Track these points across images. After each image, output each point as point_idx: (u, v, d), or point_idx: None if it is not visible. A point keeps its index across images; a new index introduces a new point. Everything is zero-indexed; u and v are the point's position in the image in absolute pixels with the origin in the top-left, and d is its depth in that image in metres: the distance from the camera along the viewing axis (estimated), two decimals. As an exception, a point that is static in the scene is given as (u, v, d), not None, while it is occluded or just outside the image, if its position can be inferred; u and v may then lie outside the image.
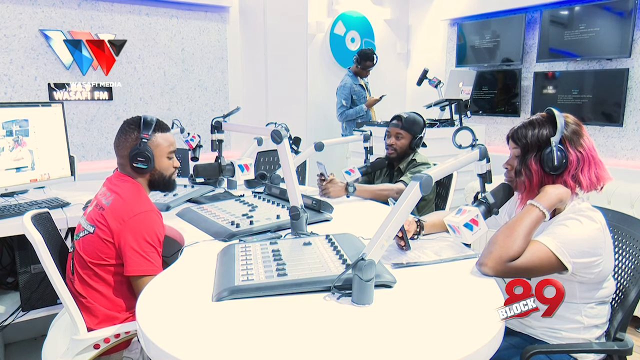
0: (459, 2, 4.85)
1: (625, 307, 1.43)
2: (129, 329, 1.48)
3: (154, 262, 1.51)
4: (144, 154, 1.60)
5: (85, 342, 1.44)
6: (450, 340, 1.00)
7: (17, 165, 2.18)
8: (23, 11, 3.24)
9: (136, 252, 1.49)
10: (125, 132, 1.63)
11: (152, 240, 1.52)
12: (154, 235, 1.53)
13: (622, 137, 3.76)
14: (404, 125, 2.42)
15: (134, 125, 1.63)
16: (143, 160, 1.60)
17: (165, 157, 1.67)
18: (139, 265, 1.49)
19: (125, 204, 1.55)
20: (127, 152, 1.61)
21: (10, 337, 2.42)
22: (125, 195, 1.58)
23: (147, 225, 1.52)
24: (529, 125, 1.42)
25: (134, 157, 1.60)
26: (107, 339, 1.46)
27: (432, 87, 3.97)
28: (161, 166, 1.66)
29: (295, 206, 1.64)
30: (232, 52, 4.19)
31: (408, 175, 2.38)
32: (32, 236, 1.39)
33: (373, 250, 1.14)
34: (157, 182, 1.68)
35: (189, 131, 2.64)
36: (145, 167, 1.61)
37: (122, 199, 1.56)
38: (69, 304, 1.43)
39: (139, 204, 1.56)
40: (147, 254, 1.50)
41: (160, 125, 1.67)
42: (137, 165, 1.60)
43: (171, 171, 1.71)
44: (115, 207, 1.54)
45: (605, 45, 3.71)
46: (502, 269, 1.27)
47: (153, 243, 1.52)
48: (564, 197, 1.35)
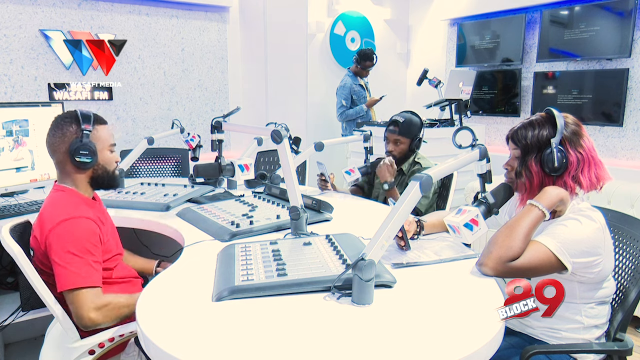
0: (459, 2, 4.84)
1: (625, 307, 1.43)
2: (124, 331, 1.44)
3: (81, 273, 1.37)
4: (86, 147, 1.48)
5: (79, 349, 1.40)
6: (450, 340, 1.00)
7: (17, 165, 2.18)
8: (23, 11, 3.24)
9: (60, 266, 1.37)
10: (61, 126, 1.51)
11: (76, 249, 1.38)
12: (80, 245, 1.39)
13: (622, 137, 3.76)
14: (401, 131, 2.41)
15: (70, 119, 1.52)
16: (86, 153, 1.49)
17: (108, 151, 1.58)
18: (65, 279, 1.36)
19: (47, 216, 1.44)
20: (67, 147, 1.49)
21: (10, 337, 2.42)
22: (49, 207, 1.47)
23: (69, 234, 1.39)
24: (529, 126, 1.42)
25: (75, 151, 1.48)
26: (102, 344, 1.41)
27: (432, 87, 3.97)
28: (104, 160, 1.56)
29: (295, 206, 1.64)
30: (232, 52, 4.19)
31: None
32: (12, 248, 1.33)
33: (373, 250, 1.14)
34: (101, 177, 1.57)
35: (189, 131, 2.64)
36: (89, 160, 1.50)
37: (45, 212, 1.46)
38: (57, 312, 1.38)
39: (60, 213, 1.43)
40: (72, 265, 1.36)
41: (98, 118, 1.57)
42: (80, 160, 1.49)
43: (114, 166, 1.61)
44: (39, 223, 1.45)
45: (605, 45, 3.71)
46: (502, 269, 1.27)
47: (79, 253, 1.38)
48: (564, 197, 1.35)
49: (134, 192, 2.30)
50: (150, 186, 2.45)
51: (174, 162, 3.37)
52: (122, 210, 2.09)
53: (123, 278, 1.63)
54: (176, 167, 3.37)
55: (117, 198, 2.21)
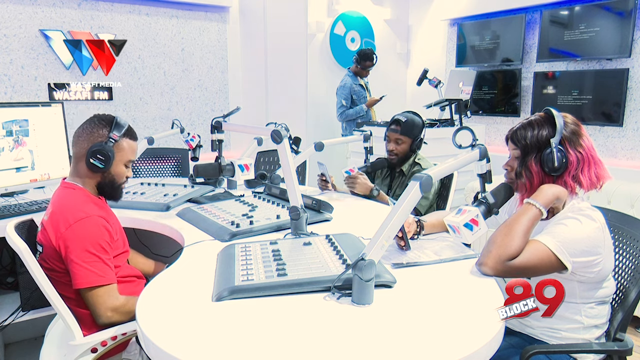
0: (459, 2, 4.85)
1: (625, 307, 1.43)
2: (126, 330, 1.45)
3: (99, 272, 1.43)
4: (105, 152, 1.53)
5: (82, 346, 1.40)
6: (450, 340, 1.00)
7: (17, 165, 2.18)
8: (23, 11, 3.24)
9: (77, 264, 1.41)
10: (95, 125, 1.57)
11: (94, 249, 1.43)
12: (96, 243, 1.44)
13: (622, 137, 3.76)
14: (402, 131, 2.41)
15: (106, 122, 1.58)
16: (102, 158, 1.53)
17: (123, 164, 1.62)
18: (83, 278, 1.41)
19: (60, 214, 1.47)
20: (88, 146, 1.54)
21: (10, 337, 2.42)
22: (62, 205, 1.50)
23: (85, 233, 1.44)
24: (528, 126, 1.42)
25: (93, 153, 1.53)
26: (104, 342, 1.42)
27: (432, 87, 3.97)
28: (116, 171, 1.60)
29: (295, 206, 1.64)
30: (232, 52, 4.19)
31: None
32: (17, 245, 1.33)
33: (373, 250, 1.14)
34: (106, 186, 1.61)
35: (189, 131, 2.64)
36: (101, 166, 1.54)
37: (58, 210, 1.49)
38: (61, 310, 1.38)
39: (74, 212, 1.47)
40: (90, 264, 1.42)
41: (130, 132, 1.63)
42: (94, 162, 1.53)
43: (123, 180, 1.65)
44: (52, 220, 1.47)
45: (605, 45, 3.71)
46: (502, 268, 1.27)
47: (96, 252, 1.43)
48: (560, 195, 1.35)
49: (134, 192, 2.30)
50: (150, 186, 2.45)
51: (174, 162, 3.37)
52: (122, 210, 2.08)
53: (126, 277, 1.64)
54: (176, 167, 3.37)
55: (117, 198, 2.21)
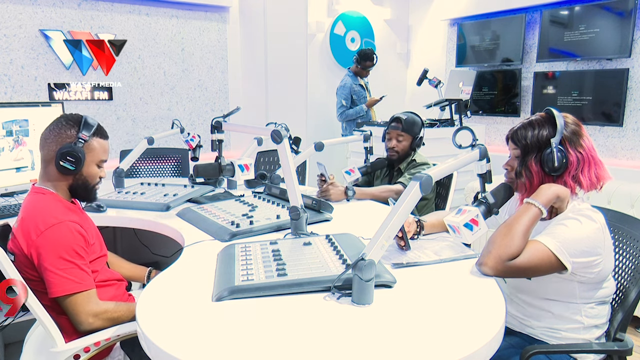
0: (459, 2, 4.85)
1: (625, 307, 1.43)
2: (109, 335, 1.39)
3: (76, 279, 1.37)
4: (75, 153, 1.46)
5: (64, 353, 1.34)
6: (450, 340, 1.00)
7: (17, 165, 2.18)
8: (23, 11, 3.24)
9: (52, 272, 1.35)
10: (62, 125, 1.49)
11: (68, 255, 1.37)
12: (70, 249, 1.38)
13: (622, 137, 3.76)
14: (404, 127, 2.43)
15: (73, 122, 1.51)
16: (72, 160, 1.46)
17: (95, 165, 1.54)
18: (60, 286, 1.36)
19: (31, 221, 1.41)
20: (57, 148, 1.46)
21: (10, 337, 2.42)
22: (32, 212, 1.44)
23: (58, 240, 1.38)
24: (529, 126, 1.42)
25: (63, 155, 1.45)
26: (87, 348, 1.37)
27: (432, 87, 3.97)
28: (88, 172, 1.52)
29: (295, 206, 1.64)
30: (232, 52, 4.19)
31: (407, 176, 2.38)
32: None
33: (373, 250, 1.14)
34: (79, 188, 1.53)
35: (189, 131, 2.64)
36: (72, 168, 1.47)
37: (28, 217, 1.43)
38: (41, 316, 1.32)
39: (45, 218, 1.40)
40: (66, 271, 1.36)
41: (100, 131, 1.56)
42: (64, 165, 1.46)
43: (96, 181, 1.57)
44: (22, 228, 1.41)
45: (605, 46, 3.71)
46: (502, 268, 1.27)
47: (71, 258, 1.38)
48: (561, 194, 1.35)
49: (134, 192, 2.30)
50: (150, 186, 2.45)
51: (174, 162, 3.37)
52: (122, 210, 2.09)
53: (106, 281, 1.59)
54: (176, 167, 3.37)
55: (117, 198, 2.21)
